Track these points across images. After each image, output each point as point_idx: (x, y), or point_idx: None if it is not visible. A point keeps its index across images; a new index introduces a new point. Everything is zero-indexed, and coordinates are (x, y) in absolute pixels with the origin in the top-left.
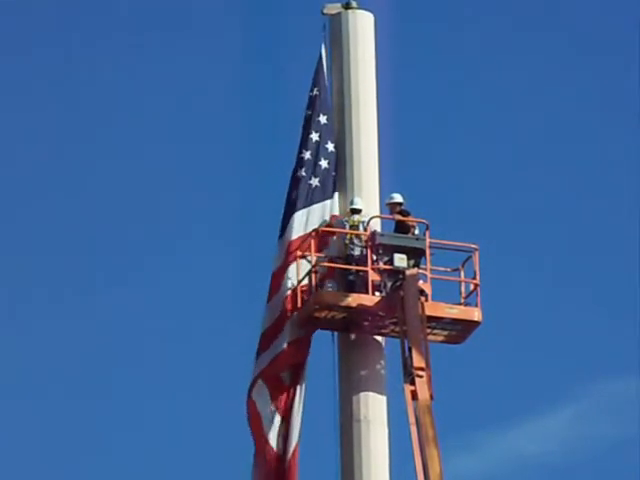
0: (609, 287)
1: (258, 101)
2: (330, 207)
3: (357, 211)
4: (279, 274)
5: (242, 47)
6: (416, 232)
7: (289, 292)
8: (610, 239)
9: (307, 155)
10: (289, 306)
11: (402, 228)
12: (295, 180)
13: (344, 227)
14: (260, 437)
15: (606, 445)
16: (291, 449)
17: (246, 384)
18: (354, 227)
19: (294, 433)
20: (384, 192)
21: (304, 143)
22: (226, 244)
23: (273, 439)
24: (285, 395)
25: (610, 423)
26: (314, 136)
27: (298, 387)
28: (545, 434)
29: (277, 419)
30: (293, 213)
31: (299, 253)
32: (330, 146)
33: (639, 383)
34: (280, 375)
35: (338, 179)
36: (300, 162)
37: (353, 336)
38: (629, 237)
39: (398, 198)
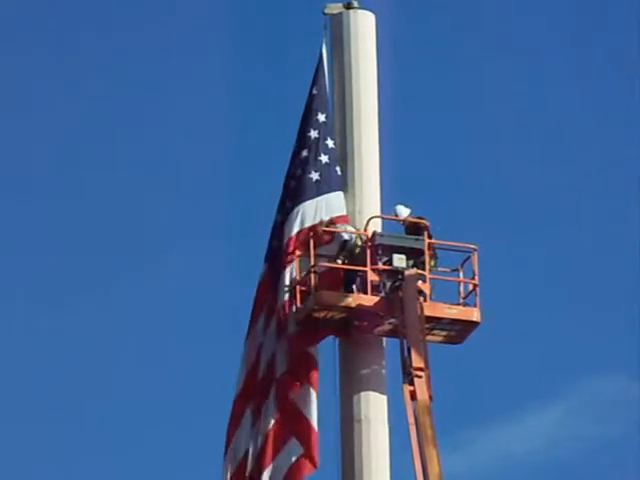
0: (606, 287)
1: (258, 101)
2: (341, 199)
3: None
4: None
5: (243, 47)
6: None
7: (286, 296)
8: (610, 239)
9: (304, 153)
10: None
11: (414, 230)
12: (289, 179)
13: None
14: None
15: (594, 444)
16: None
17: None
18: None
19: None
20: (384, 191)
21: (300, 141)
22: (222, 245)
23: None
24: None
25: (598, 422)
26: (312, 134)
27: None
28: (532, 433)
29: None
30: (291, 210)
31: (298, 253)
32: (330, 142)
33: (628, 382)
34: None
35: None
36: (295, 161)
37: (353, 336)
38: (628, 238)
39: (401, 212)
